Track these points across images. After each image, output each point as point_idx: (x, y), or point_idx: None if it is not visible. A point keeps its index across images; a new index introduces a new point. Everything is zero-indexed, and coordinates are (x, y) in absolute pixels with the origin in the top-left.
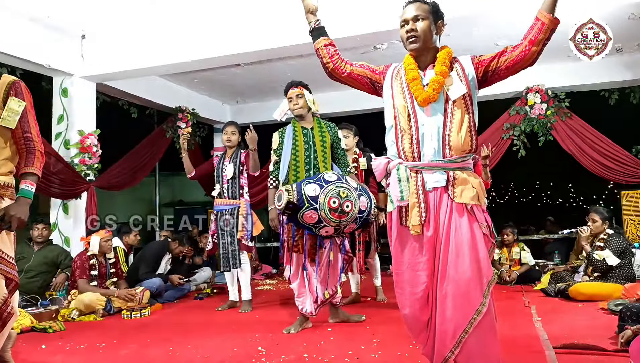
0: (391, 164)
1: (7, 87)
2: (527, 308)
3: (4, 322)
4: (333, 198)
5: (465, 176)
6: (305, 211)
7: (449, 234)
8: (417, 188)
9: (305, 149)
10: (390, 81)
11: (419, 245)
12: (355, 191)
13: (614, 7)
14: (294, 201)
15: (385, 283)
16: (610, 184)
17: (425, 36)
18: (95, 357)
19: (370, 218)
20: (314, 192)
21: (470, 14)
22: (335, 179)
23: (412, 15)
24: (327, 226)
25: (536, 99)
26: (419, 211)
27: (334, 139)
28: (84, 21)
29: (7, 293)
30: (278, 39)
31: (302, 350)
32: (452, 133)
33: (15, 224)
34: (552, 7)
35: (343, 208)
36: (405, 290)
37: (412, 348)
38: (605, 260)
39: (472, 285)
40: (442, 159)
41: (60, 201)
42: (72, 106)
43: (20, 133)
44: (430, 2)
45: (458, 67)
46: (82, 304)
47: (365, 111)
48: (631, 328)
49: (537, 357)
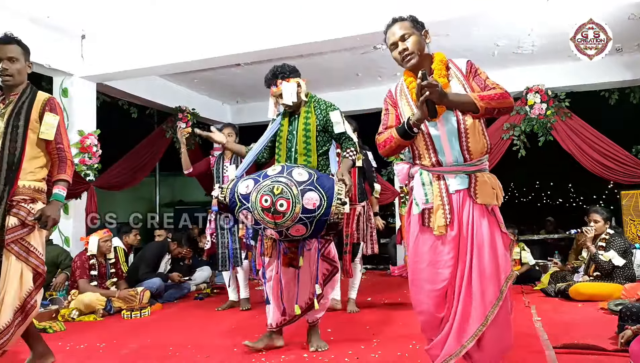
0: (413, 169)
1: (43, 103)
2: (527, 308)
3: (27, 313)
4: (265, 196)
5: (485, 178)
6: (239, 211)
7: (472, 233)
8: (441, 191)
9: (289, 140)
10: (397, 102)
11: (441, 243)
12: (301, 185)
13: (614, 7)
14: (225, 200)
15: (385, 282)
16: (610, 184)
17: (419, 50)
18: (95, 357)
19: (331, 218)
20: (246, 189)
21: (470, 14)
22: (276, 172)
23: (399, 35)
24: (267, 229)
25: (536, 99)
26: (443, 212)
27: (323, 122)
28: (84, 21)
29: (32, 286)
30: (278, 39)
31: (302, 350)
32: (469, 138)
33: (50, 224)
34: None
35: (276, 207)
36: (424, 288)
37: (412, 348)
38: (611, 261)
39: (490, 282)
40: (463, 163)
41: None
42: (72, 106)
43: (54, 144)
44: (407, 17)
45: (455, 72)
46: (82, 304)
47: (366, 111)
48: (631, 328)
49: (537, 357)
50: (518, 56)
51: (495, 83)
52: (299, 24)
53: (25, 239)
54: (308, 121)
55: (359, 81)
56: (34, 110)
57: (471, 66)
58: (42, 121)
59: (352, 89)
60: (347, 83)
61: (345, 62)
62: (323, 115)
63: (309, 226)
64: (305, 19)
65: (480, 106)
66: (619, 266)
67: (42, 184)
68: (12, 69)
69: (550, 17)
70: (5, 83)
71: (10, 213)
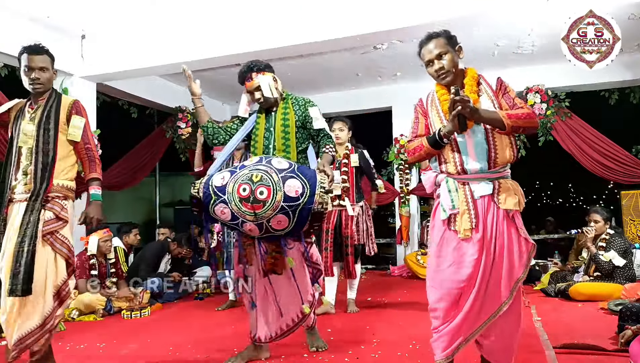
0: (439, 177)
1: (69, 106)
2: (527, 308)
3: (62, 300)
4: (243, 185)
5: (508, 185)
6: (214, 206)
7: (494, 237)
8: (466, 196)
9: (266, 138)
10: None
11: (466, 245)
12: (281, 172)
13: (614, 7)
14: (199, 195)
15: (385, 282)
16: (610, 184)
17: (454, 67)
18: (95, 357)
19: (315, 207)
20: (222, 181)
21: (470, 14)
22: (254, 162)
23: (435, 54)
24: (246, 223)
25: (536, 99)
26: (469, 217)
27: (302, 118)
28: (84, 21)
29: (66, 275)
30: (278, 39)
31: (302, 350)
32: (498, 151)
33: (95, 224)
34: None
35: (256, 196)
36: (444, 285)
37: (412, 348)
38: (611, 261)
39: (502, 284)
40: (487, 171)
41: None
42: None
43: (82, 145)
44: (442, 33)
45: (486, 87)
46: (82, 304)
47: (365, 111)
48: (631, 328)
49: (537, 357)
50: (518, 56)
51: (522, 102)
52: (299, 24)
53: (60, 231)
54: (287, 117)
55: (359, 81)
56: (61, 113)
57: (501, 83)
58: (69, 124)
59: (352, 89)
60: (347, 83)
61: (345, 62)
62: (302, 111)
63: (292, 217)
64: (305, 19)
65: (508, 124)
66: (620, 267)
67: (72, 183)
68: (43, 78)
69: (550, 17)
70: (36, 90)
71: (46, 208)
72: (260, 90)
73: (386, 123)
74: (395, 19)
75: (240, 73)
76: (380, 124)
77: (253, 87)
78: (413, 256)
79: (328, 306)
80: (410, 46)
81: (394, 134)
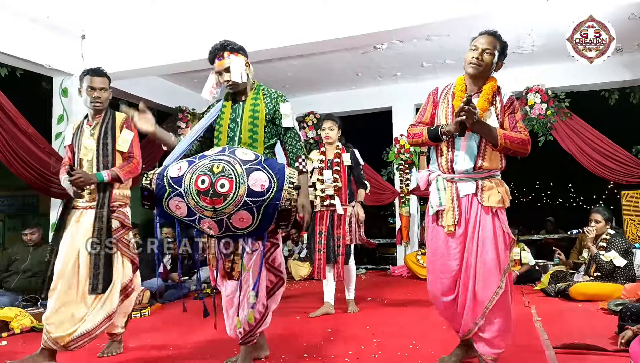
0: (432, 176)
1: (122, 122)
2: (527, 308)
3: (127, 294)
4: (202, 176)
5: (492, 184)
6: (168, 200)
7: (478, 231)
8: (452, 195)
9: (231, 129)
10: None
11: (451, 239)
12: (246, 164)
13: (614, 7)
14: (152, 186)
15: (385, 282)
16: (610, 184)
17: (485, 68)
18: (96, 357)
19: (283, 204)
20: (179, 171)
21: (470, 14)
22: (216, 151)
23: (484, 46)
24: (204, 219)
25: (536, 99)
26: (452, 214)
27: (272, 112)
28: (84, 21)
29: (132, 274)
30: (278, 39)
31: (302, 350)
32: (486, 156)
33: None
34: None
35: (216, 189)
36: (437, 276)
37: (412, 348)
38: (612, 261)
39: (492, 272)
40: (472, 172)
41: (60, 201)
42: (72, 106)
43: (126, 155)
44: (502, 41)
45: (498, 102)
46: None
47: (365, 111)
48: (631, 329)
49: (537, 357)
50: (518, 56)
51: (523, 127)
52: (299, 24)
53: (125, 237)
54: (256, 109)
55: (359, 81)
56: (117, 129)
57: (512, 102)
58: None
59: (352, 89)
60: (347, 83)
61: (345, 62)
62: (273, 104)
63: (256, 214)
64: (305, 19)
65: (501, 143)
66: (620, 267)
67: (128, 191)
68: (103, 97)
69: (550, 17)
70: (96, 108)
71: (112, 217)
72: (230, 72)
73: (386, 123)
74: (395, 19)
75: (211, 50)
76: (380, 124)
77: (223, 67)
78: (413, 256)
79: (328, 307)
80: (410, 46)
81: (394, 134)
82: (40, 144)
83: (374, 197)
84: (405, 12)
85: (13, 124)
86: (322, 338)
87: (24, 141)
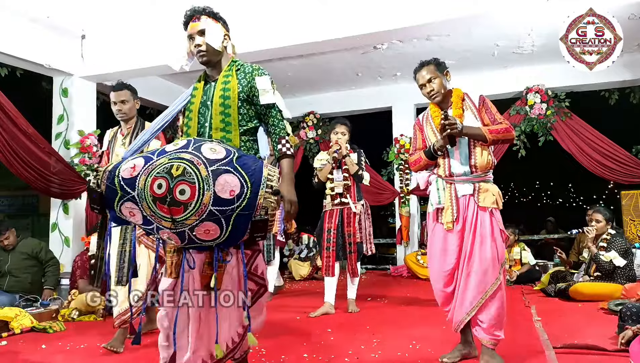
0: (432, 177)
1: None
2: (527, 308)
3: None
4: (159, 179)
5: (488, 186)
6: (120, 204)
7: (476, 228)
8: (451, 195)
9: (201, 113)
10: (424, 127)
11: (450, 236)
12: (213, 164)
13: (614, 7)
14: (100, 188)
15: (385, 282)
16: (610, 184)
17: (441, 89)
18: (95, 357)
19: (256, 214)
20: (132, 172)
21: (470, 14)
22: (178, 147)
23: (426, 79)
24: (162, 229)
25: (536, 99)
26: (451, 211)
27: (247, 89)
28: (84, 21)
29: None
30: (278, 39)
31: (302, 350)
32: (477, 158)
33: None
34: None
35: (175, 195)
36: (436, 269)
37: (412, 348)
38: (612, 262)
39: (491, 265)
40: (469, 174)
41: (60, 201)
42: (72, 106)
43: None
44: (432, 61)
45: (469, 104)
46: (82, 304)
47: (365, 111)
48: (632, 329)
49: (537, 357)
50: (518, 56)
51: (502, 118)
52: (299, 24)
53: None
54: (227, 87)
55: (359, 81)
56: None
57: (483, 100)
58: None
59: (352, 89)
60: (347, 83)
61: (345, 62)
62: (248, 80)
63: (225, 226)
64: (305, 19)
65: (489, 138)
66: (620, 267)
67: None
68: (125, 108)
69: (550, 17)
70: (121, 119)
71: None
72: (204, 35)
73: (386, 123)
74: (395, 19)
75: (186, 14)
76: (380, 124)
77: (196, 30)
78: (413, 256)
79: (328, 307)
80: (410, 46)
81: (394, 134)
82: (40, 144)
83: (374, 197)
84: (405, 12)
85: (13, 124)
86: (322, 338)
87: (24, 141)
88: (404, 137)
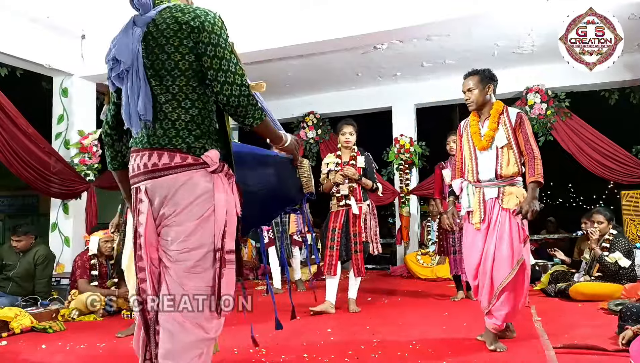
0: (464, 183)
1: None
2: (527, 308)
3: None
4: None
5: (512, 190)
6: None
7: (496, 228)
8: (479, 199)
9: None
10: (463, 135)
11: (478, 234)
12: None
13: (614, 7)
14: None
15: (385, 282)
16: (610, 184)
17: (477, 100)
18: (95, 357)
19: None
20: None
21: (470, 14)
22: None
23: (467, 87)
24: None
25: (536, 99)
26: (479, 213)
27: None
28: (84, 21)
29: None
30: (278, 39)
31: (302, 350)
32: (502, 167)
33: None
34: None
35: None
36: (468, 263)
37: (412, 348)
38: (617, 262)
39: (506, 261)
40: (495, 180)
41: (60, 201)
42: (72, 106)
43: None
44: (479, 72)
45: (505, 120)
46: (82, 304)
47: (365, 111)
48: (632, 329)
49: (537, 357)
50: (518, 56)
51: (534, 144)
52: (299, 24)
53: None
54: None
55: (359, 81)
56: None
57: (520, 118)
58: None
59: (352, 89)
60: (347, 83)
61: (345, 62)
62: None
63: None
64: (305, 19)
65: (541, 182)
66: (625, 267)
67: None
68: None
69: (550, 17)
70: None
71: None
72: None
73: (386, 123)
74: (395, 19)
75: None
76: (380, 124)
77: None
78: (413, 256)
79: (328, 305)
80: (410, 46)
81: (394, 134)
82: (40, 144)
83: (374, 197)
84: (405, 12)
85: (13, 124)
86: (322, 338)
87: (23, 141)
88: (404, 137)
